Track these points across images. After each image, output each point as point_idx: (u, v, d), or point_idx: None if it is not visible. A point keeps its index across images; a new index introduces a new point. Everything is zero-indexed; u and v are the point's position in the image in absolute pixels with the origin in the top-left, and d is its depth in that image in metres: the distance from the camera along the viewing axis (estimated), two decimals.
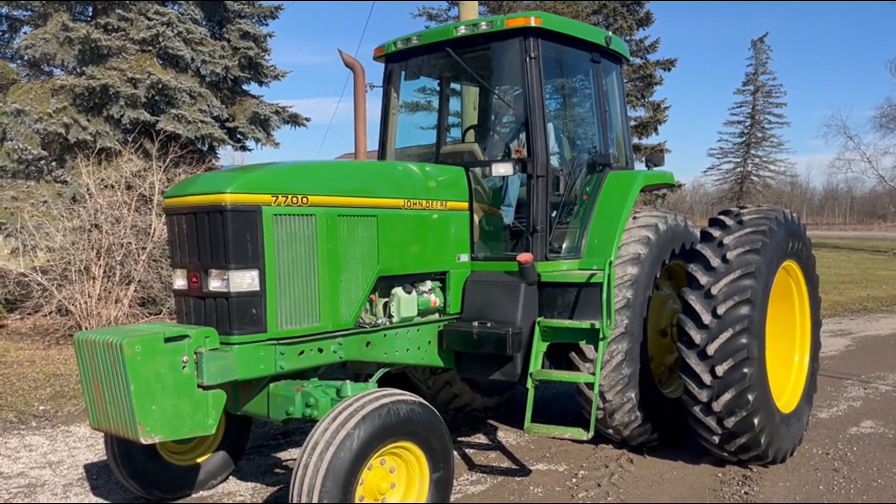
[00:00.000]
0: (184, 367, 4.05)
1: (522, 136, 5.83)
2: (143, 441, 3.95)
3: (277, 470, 5.79)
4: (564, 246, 5.93)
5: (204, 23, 13.85)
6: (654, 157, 6.87)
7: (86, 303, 10.52)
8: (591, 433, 5.10)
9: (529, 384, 5.31)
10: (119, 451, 4.74)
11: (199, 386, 4.11)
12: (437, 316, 5.49)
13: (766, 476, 5.51)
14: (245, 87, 14.92)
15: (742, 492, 5.21)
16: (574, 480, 5.48)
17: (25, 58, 12.93)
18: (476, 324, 5.37)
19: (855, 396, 7.96)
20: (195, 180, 4.62)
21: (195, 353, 4.09)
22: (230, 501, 5.13)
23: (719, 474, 5.57)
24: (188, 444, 5.08)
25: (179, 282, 4.47)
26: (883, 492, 5.20)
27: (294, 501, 3.72)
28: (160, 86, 12.43)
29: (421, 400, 4.20)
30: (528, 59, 5.55)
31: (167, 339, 4.00)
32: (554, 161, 5.88)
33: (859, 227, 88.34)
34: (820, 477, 5.51)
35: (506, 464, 5.93)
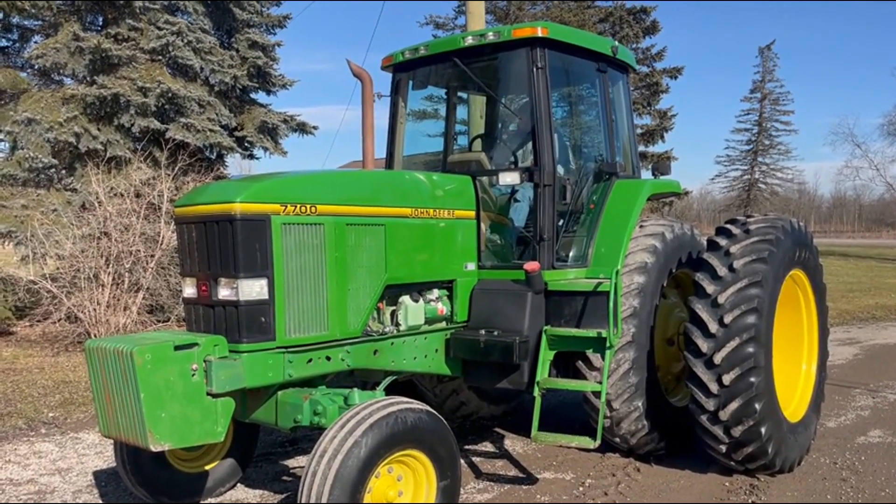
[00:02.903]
0: (193, 374, 4.08)
1: (529, 145, 5.86)
2: (153, 448, 3.98)
3: (285, 477, 5.81)
4: (571, 254, 5.95)
5: (213, 32, 13.96)
6: (661, 165, 6.89)
7: (95, 310, 10.58)
8: (598, 442, 5.11)
9: (536, 392, 5.32)
10: (128, 459, 4.77)
11: (208, 394, 4.14)
12: (444, 324, 5.51)
13: (774, 485, 5.50)
14: (253, 95, 15.03)
15: (749, 501, 5.20)
16: (581, 489, 5.48)
17: (36, 67, 13.05)
18: (483, 332, 5.39)
19: (863, 405, 7.93)
20: (205, 189, 4.66)
21: (204, 361, 4.11)
22: None
23: (726, 483, 5.56)
24: (197, 451, 5.11)
25: (189, 290, 4.51)
26: (891, 502, 5.18)
27: None
28: (170, 94, 12.54)
29: (428, 408, 4.22)
30: (534, 69, 5.58)
31: (177, 348, 4.03)
32: (560, 170, 5.90)
33: (868, 234, 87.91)
34: (827, 486, 5.50)
35: (513, 472, 5.93)
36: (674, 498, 5.32)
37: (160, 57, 13.02)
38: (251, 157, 15.12)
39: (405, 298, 5.18)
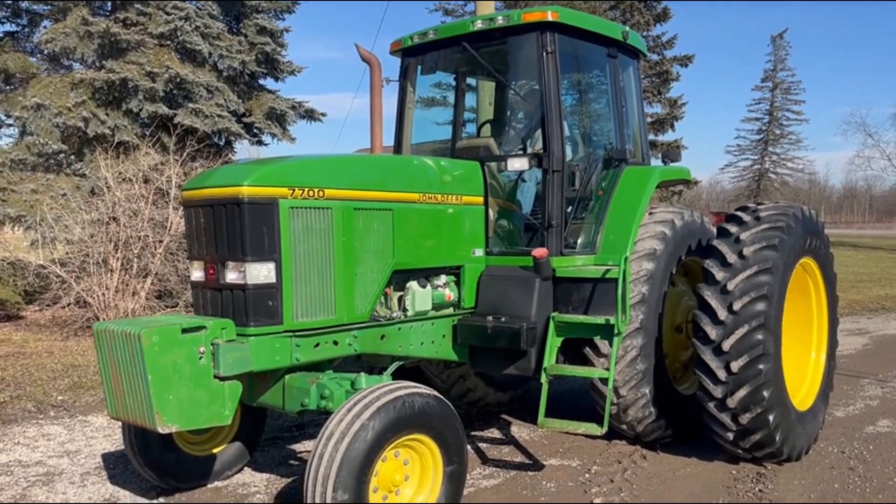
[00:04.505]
0: (200, 357, 4.09)
1: (538, 130, 5.82)
2: (161, 430, 4.00)
3: (292, 461, 5.83)
4: (580, 241, 5.92)
5: (221, 18, 13.93)
6: (671, 152, 6.85)
7: (103, 295, 10.63)
8: (605, 429, 5.10)
9: (543, 379, 5.31)
10: (136, 441, 4.81)
11: (215, 377, 4.15)
12: (451, 310, 5.50)
13: (781, 474, 5.48)
14: (261, 81, 15.00)
15: (756, 489, 5.19)
16: (587, 476, 5.47)
17: (45, 52, 13.06)
18: (490, 318, 5.38)
19: (872, 395, 7.90)
20: (213, 173, 4.66)
21: (212, 345, 4.13)
22: (244, 492, 5.17)
23: (733, 471, 5.55)
24: (204, 434, 5.14)
25: (196, 274, 4.51)
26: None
27: (309, 491, 3.76)
28: (178, 80, 12.53)
29: (436, 393, 4.22)
30: (544, 54, 5.54)
31: (184, 330, 4.04)
32: (570, 156, 5.86)
33: (878, 225, 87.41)
34: (835, 475, 5.48)
35: (519, 458, 5.94)
36: (680, 485, 5.31)
37: (168, 42, 13.00)
38: (259, 143, 15.11)
39: (412, 284, 5.17)
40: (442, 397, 4.25)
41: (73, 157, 12.87)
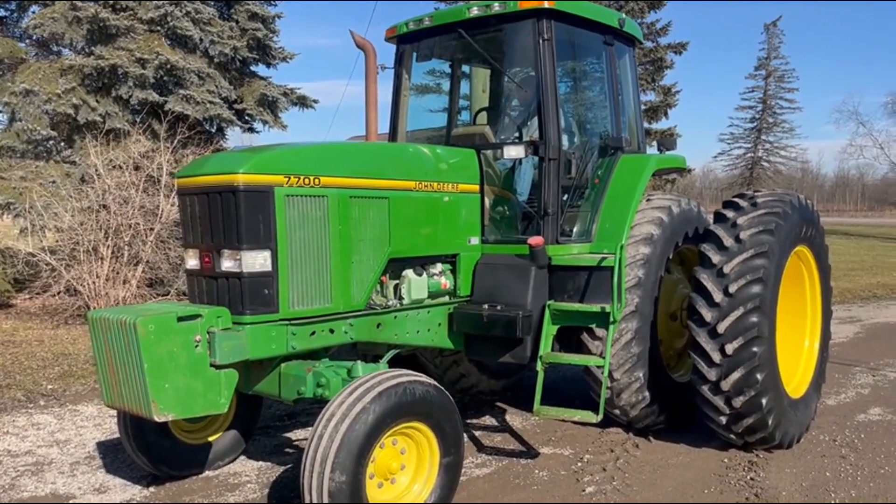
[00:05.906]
0: (196, 346, 4.07)
1: (534, 118, 5.80)
2: (156, 419, 3.98)
3: (286, 450, 5.82)
4: (575, 229, 5.92)
5: (212, 3, 13.77)
6: (666, 141, 6.84)
7: (94, 283, 10.55)
8: (601, 416, 5.11)
9: (539, 367, 5.31)
10: (131, 426, 4.79)
11: (211, 365, 4.14)
12: (447, 298, 5.49)
13: (773, 462, 5.51)
14: (253, 68, 14.86)
15: (748, 477, 5.21)
16: (579, 464, 5.49)
17: (34, 37, 12.90)
18: (486, 306, 5.37)
19: (863, 384, 7.95)
20: (207, 160, 4.61)
21: (208, 333, 4.11)
22: (236, 482, 5.15)
23: (725, 459, 5.58)
24: (200, 422, 5.13)
25: (192, 262, 4.48)
26: (890, 479, 5.19)
27: (306, 472, 3.75)
28: (168, 66, 12.38)
29: (436, 383, 4.23)
30: (540, 41, 5.51)
31: (180, 319, 4.02)
32: (566, 144, 5.84)
33: (870, 214, 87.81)
34: (827, 463, 5.51)
35: (511, 446, 5.94)
36: (672, 473, 5.32)
37: (158, 28, 12.84)
38: (251, 130, 14.98)
39: (408, 272, 5.16)
40: (442, 388, 4.26)
41: (62, 143, 12.73)
